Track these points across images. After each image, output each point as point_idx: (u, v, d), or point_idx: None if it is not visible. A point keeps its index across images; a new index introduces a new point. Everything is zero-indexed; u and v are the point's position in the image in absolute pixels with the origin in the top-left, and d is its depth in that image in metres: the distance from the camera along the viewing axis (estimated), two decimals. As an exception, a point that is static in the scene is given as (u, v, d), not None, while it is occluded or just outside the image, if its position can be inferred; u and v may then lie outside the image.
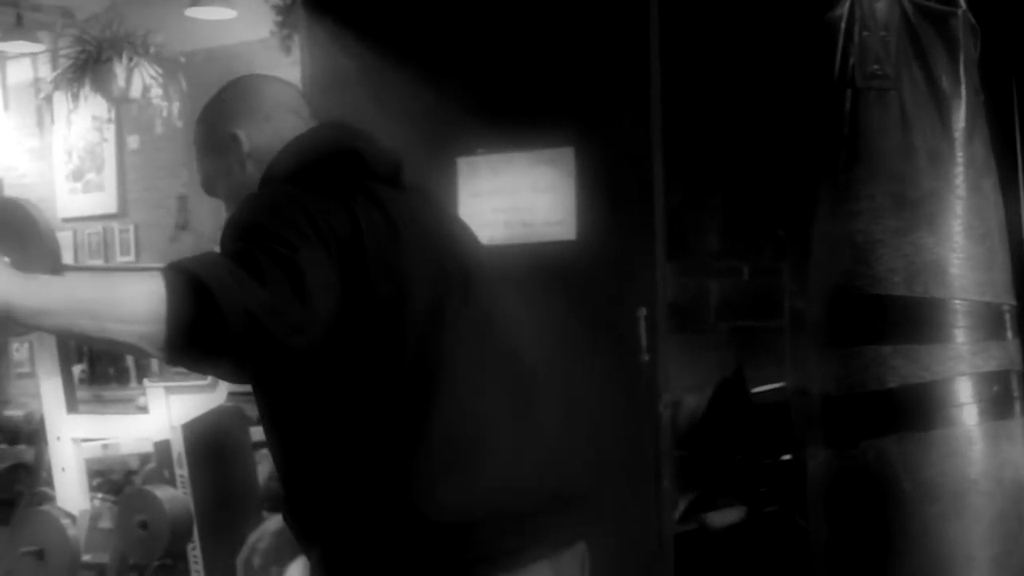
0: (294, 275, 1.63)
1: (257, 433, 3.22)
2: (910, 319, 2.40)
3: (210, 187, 2.04)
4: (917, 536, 2.41)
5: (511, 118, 3.76)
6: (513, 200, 3.77)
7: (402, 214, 1.82)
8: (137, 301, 1.55)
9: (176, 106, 5.42)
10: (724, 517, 4.43)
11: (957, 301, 2.41)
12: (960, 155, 2.47)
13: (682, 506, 4.23)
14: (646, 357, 3.49)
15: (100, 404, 5.24)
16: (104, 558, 3.49)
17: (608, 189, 3.62)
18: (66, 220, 6.06)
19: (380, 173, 1.89)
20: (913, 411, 2.39)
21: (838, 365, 2.48)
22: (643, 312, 3.49)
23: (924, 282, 2.41)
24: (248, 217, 1.76)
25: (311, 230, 1.70)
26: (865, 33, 2.47)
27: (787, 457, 4.45)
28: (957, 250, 2.43)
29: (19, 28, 5.57)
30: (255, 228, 1.71)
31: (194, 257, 1.64)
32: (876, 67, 2.46)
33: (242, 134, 1.96)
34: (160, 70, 5.36)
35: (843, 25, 2.50)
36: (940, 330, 2.40)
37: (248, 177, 1.94)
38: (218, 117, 2.01)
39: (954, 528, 2.41)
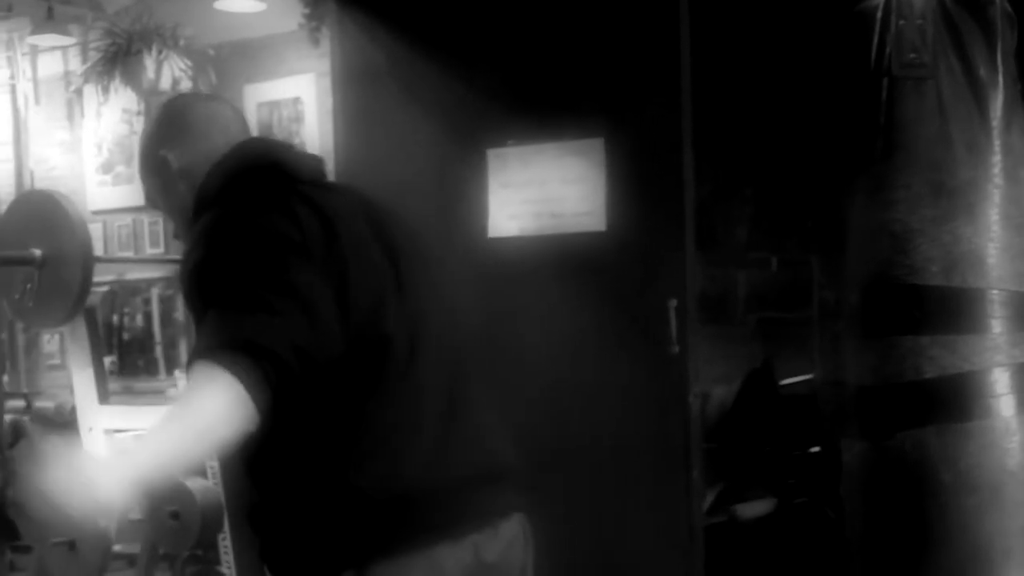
0: (299, 298, 1.73)
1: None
2: (948, 309, 2.39)
3: (152, 202, 2.12)
4: (954, 528, 2.39)
5: (541, 109, 3.75)
6: (543, 191, 3.76)
7: (335, 212, 1.88)
8: (222, 398, 1.65)
9: (205, 98, 5.41)
10: (753, 509, 4.42)
11: (995, 291, 2.40)
12: (997, 144, 2.46)
13: (711, 498, 4.22)
14: (676, 348, 3.47)
15: (131, 395, 5.26)
16: (135, 548, 3.51)
17: (638, 180, 3.61)
18: (96, 212, 6.05)
19: (305, 177, 1.96)
20: (951, 402, 2.38)
21: (874, 355, 2.47)
22: (673, 303, 3.47)
23: (962, 272, 2.40)
24: (222, 257, 1.81)
25: (282, 246, 1.78)
26: (902, 22, 2.45)
27: (816, 449, 4.43)
28: (995, 240, 2.41)
29: (50, 21, 5.58)
30: (237, 266, 1.77)
31: (219, 329, 1.71)
32: (913, 56, 2.45)
33: (171, 156, 2.02)
34: (189, 62, 5.34)
35: (879, 14, 2.49)
36: (978, 320, 2.39)
37: (181, 195, 2.01)
38: (150, 139, 2.08)
39: (991, 520, 2.39)
